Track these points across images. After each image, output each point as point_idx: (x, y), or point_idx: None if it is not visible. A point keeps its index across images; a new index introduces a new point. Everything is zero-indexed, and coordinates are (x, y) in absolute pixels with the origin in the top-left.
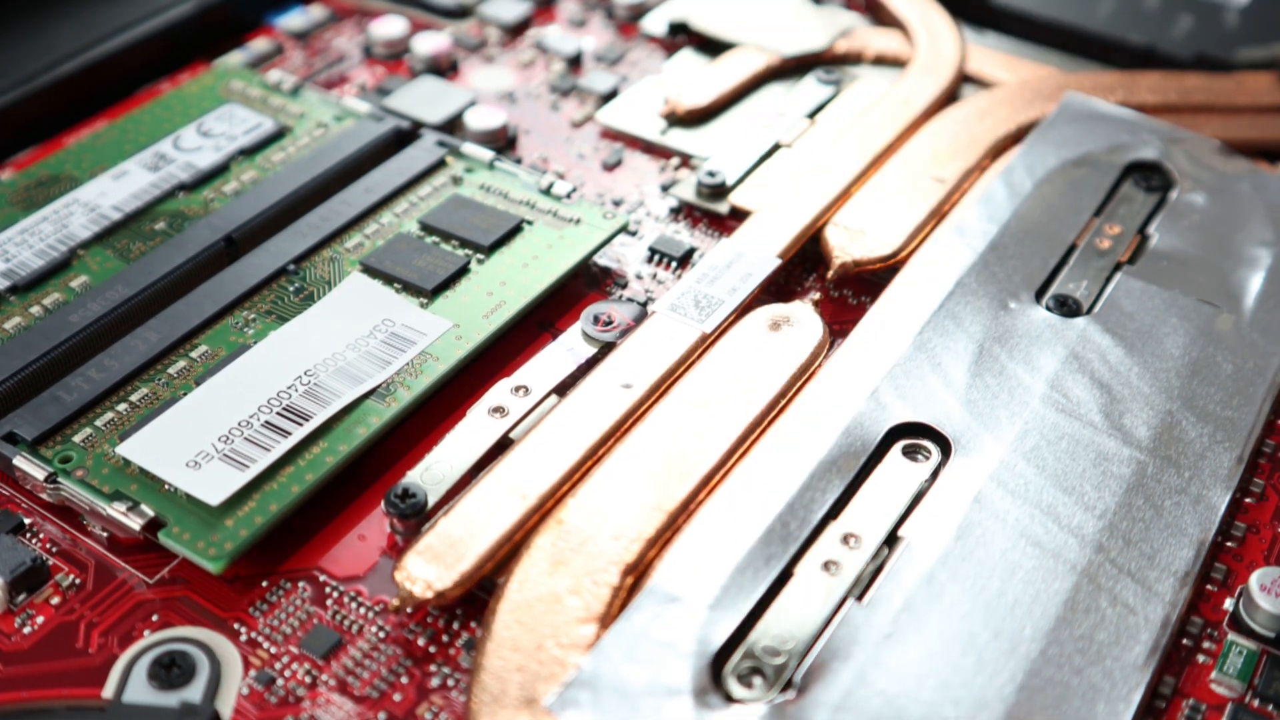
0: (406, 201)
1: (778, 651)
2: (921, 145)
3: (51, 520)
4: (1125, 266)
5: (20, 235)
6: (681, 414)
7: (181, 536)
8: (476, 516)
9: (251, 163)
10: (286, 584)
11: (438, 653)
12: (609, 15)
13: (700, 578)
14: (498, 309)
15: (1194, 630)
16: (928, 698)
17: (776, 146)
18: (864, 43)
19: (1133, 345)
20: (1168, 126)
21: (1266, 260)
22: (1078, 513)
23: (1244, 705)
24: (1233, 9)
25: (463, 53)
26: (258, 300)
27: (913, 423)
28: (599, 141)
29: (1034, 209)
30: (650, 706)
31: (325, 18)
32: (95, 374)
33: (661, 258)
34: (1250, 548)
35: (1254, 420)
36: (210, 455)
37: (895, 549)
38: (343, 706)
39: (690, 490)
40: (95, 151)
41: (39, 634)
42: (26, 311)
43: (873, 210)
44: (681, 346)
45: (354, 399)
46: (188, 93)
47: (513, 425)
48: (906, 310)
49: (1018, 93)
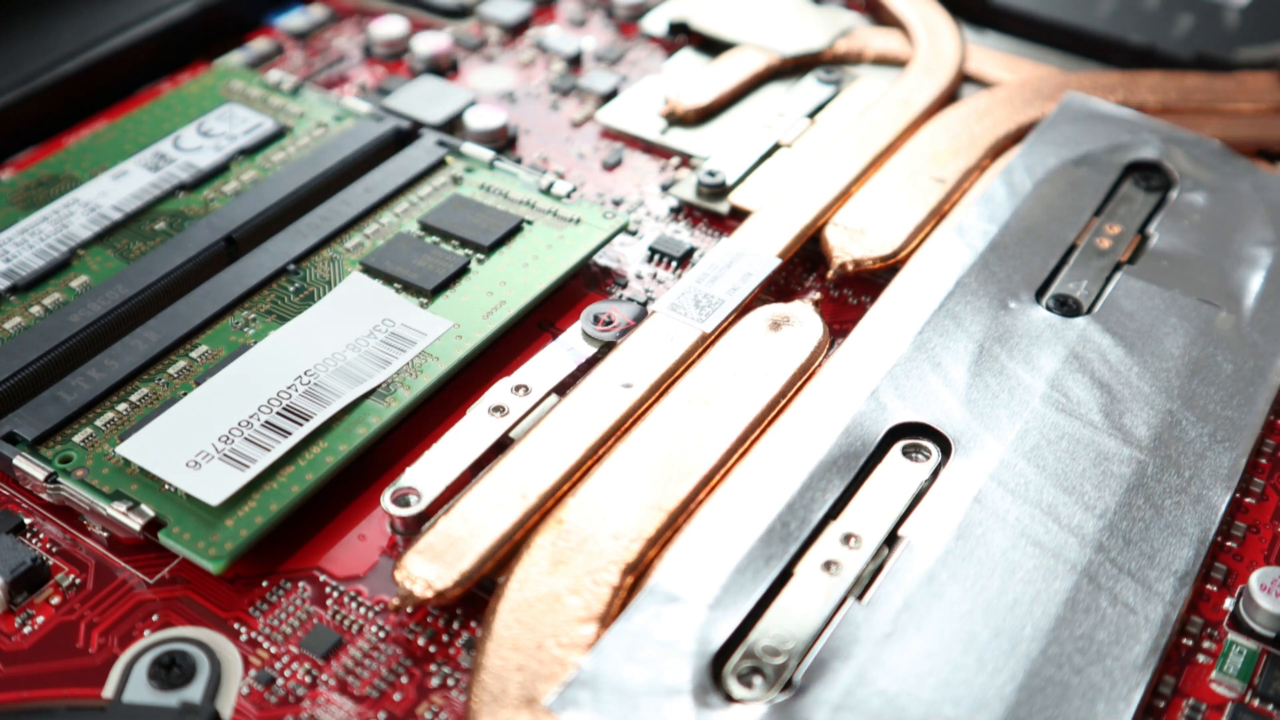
0: (406, 201)
1: (778, 651)
2: (921, 145)
3: (51, 520)
4: (1125, 266)
5: (20, 235)
6: (681, 414)
7: (181, 536)
8: (477, 516)
9: (251, 163)
10: (286, 584)
11: (438, 652)
12: (609, 15)
13: (700, 577)
14: (498, 309)
15: (1194, 630)
16: (928, 697)
17: (776, 146)
18: (864, 43)
19: (1133, 345)
20: (1168, 126)
21: (1266, 260)
22: (1078, 512)
23: (1244, 705)
24: (1233, 9)
25: (463, 53)
26: (258, 300)
27: (913, 423)
28: (599, 141)
29: (1034, 209)
30: (650, 706)
31: (325, 18)
32: (95, 374)
33: (661, 257)
34: (1250, 548)
35: (1254, 420)
36: (210, 455)
37: (895, 549)
38: (343, 706)
39: (690, 490)
40: (95, 151)
41: (39, 634)
42: (26, 311)
43: (873, 210)
44: (681, 346)
45: (354, 399)
46: (188, 93)
47: (513, 425)
48: (906, 310)
49: (1018, 93)
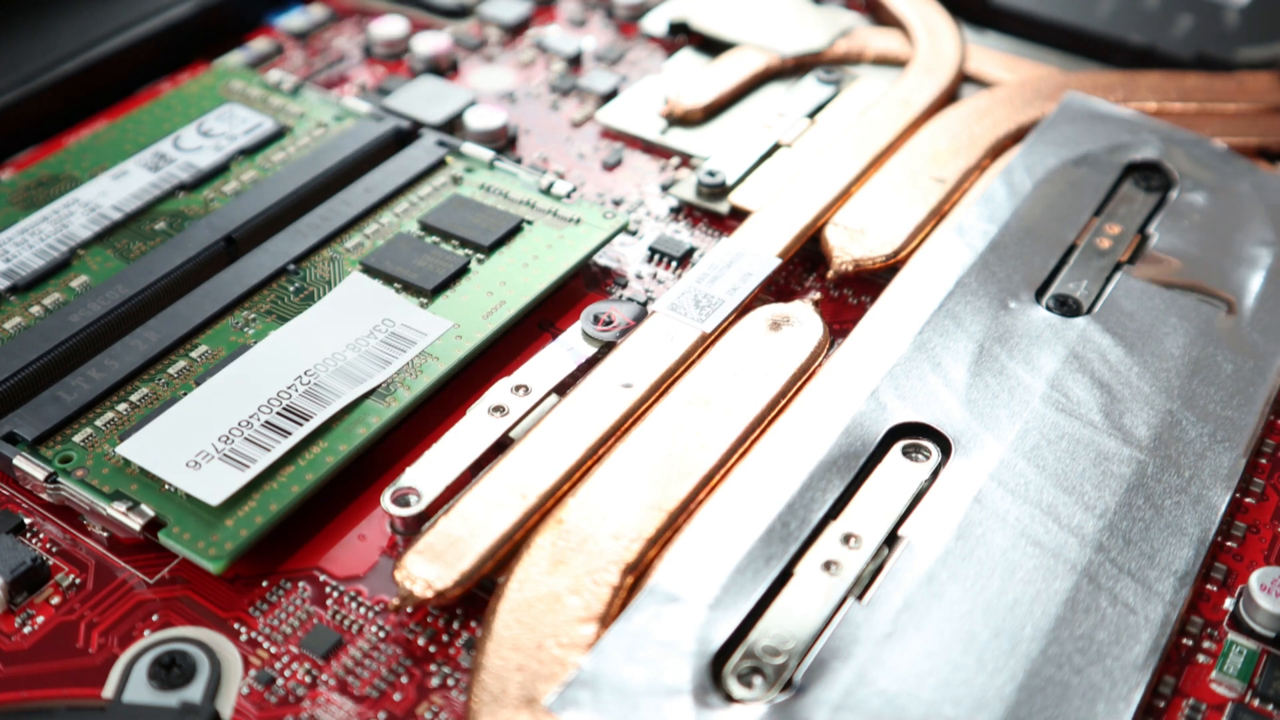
0: (406, 201)
1: (778, 651)
2: (921, 145)
3: (51, 520)
4: (1125, 266)
5: (20, 235)
6: (681, 414)
7: (181, 536)
8: (477, 516)
9: (251, 163)
10: (286, 584)
11: (438, 652)
12: (609, 15)
13: (700, 577)
14: (498, 309)
15: (1194, 630)
16: (928, 697)
17: (776, 146)
18: (864, 43)
19: (1133, 345)
20: (1168, 126)
21: (1266, 260)
22: (1078, 512)
23: (1244, 705)
24: (1233, 9)
25: (463, 53)
26: (258, 300)
27: (913, 423)
28: (599, 141)
29: (1034, 209)
30: (650, 706)
31: (325, 18)
32: (95, 374)
33: (661, 257)
34: (1250, 547)
35: (1254, 420)
36: (210, 455)
37: (895, 549)
38: (343, 706)
39: (690, 490)
40: (95, 151)
41: (39, 634)
42: (26, 311)
43: (873, 210)
44: (681, 346)
45: (354, 399)
46: (188, 93)
47: (513, 424)
48: (906, 310)
49: (1018, 93)
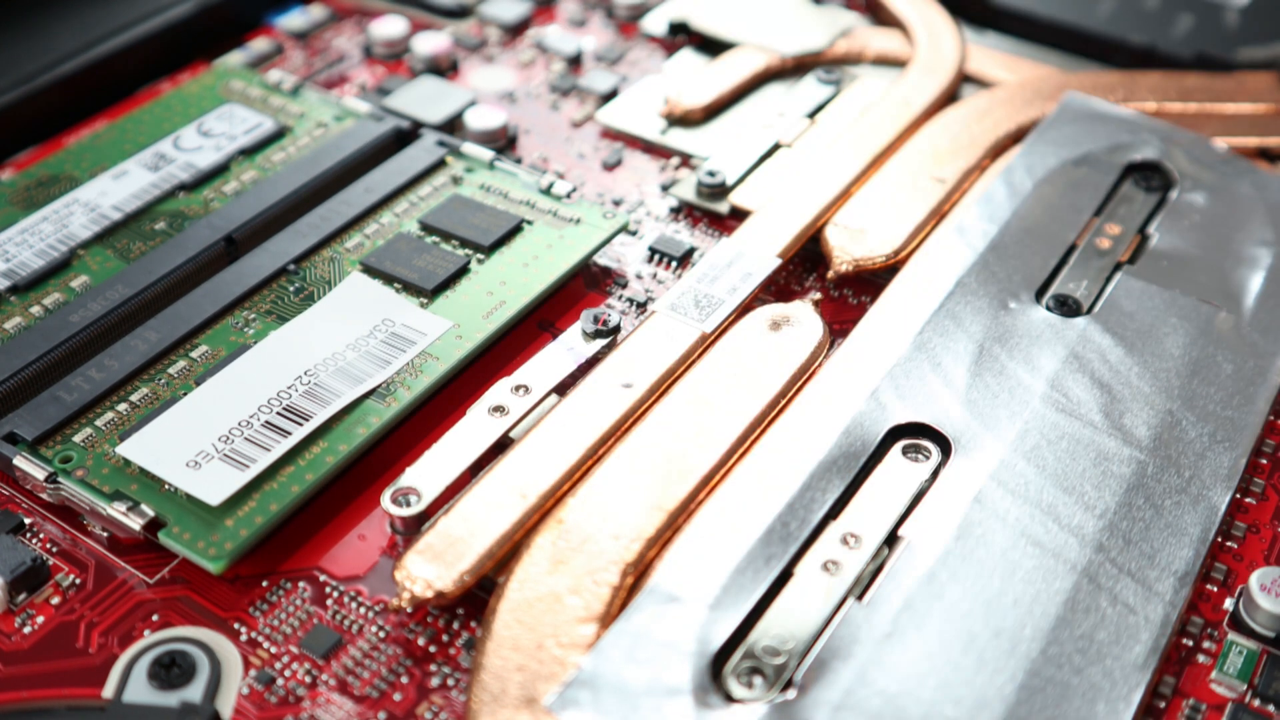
0: (406, 201)
1: (778, 651)
2: (921, 145)
3: (51, 520)
4: (1125, 266)
5: (20, 235)
6: (681, 414)
7: (182, 536)
8: (477, 516)
9: (251, 163)
10: (286, 584)
11: (438, 652)
12: (609, 15)
13: (700, 577)
14: (498, 309)
15: (1194, 630)
16: (928, 697)
17: (776, 146)
18: (864, 43)
19: (1133, 345)
20: (1168, 126)
21: (1266, 260)
22: (1078, 512)
23: (1244, 705)
24: (1233, 9)
25: (463, 53)
26: (258, 300)
27: (913, 423)
28: (599, 141)
29: (1034, 209)
30: (650, 706)
31: (325, 18)
32: (95, 374)
33: (661, 257)
34: (1250, 548)
35: (1254, 420)
36: (210, 455)
37: (895, 549)
38: (343, 706)
39: (690, 490)
40: (95, 151)
41: (39, 634)
42: (26, 311)
43: (873, 210)
44: (681, 346)
45: (354, 399)
46: (188, 93)
47: (513, 424)
48: (906, 310)
49: (1018, 93)
